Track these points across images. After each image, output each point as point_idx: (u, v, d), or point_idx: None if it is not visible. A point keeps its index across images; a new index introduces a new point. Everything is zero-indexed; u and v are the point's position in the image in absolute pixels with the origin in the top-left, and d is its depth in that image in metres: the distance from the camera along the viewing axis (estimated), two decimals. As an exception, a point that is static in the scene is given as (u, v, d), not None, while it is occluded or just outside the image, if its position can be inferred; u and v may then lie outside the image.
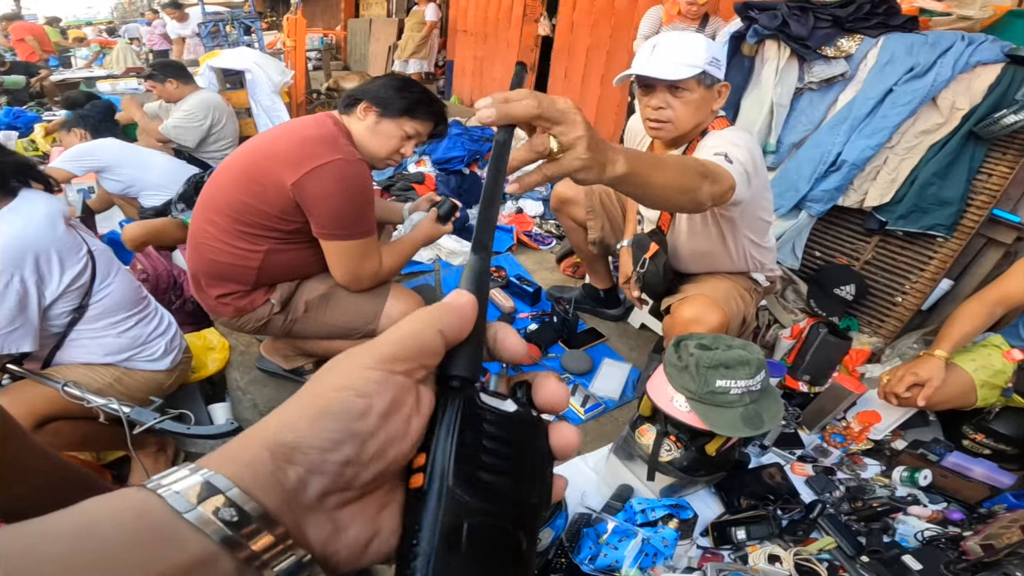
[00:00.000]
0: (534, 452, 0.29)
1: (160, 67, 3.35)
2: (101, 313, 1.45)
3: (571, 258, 2.72)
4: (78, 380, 1.40)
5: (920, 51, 2.07)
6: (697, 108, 1.47)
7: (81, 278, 1.37)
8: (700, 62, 1.40)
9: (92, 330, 1.46)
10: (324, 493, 0.24)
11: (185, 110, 3.14)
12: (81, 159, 2.54)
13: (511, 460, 0.28)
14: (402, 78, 1.61)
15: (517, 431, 0.29)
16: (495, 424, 0.28)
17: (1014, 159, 2.05)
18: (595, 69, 4.54)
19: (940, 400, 1.70)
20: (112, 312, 1.48)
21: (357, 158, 1.49)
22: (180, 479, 0.22)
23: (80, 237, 1.41)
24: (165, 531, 0.21)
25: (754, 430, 1.31)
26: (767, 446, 1.81)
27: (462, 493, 0.25)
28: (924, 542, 1.49)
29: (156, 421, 1.31)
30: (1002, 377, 1.69)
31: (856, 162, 2.15)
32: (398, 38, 6.79)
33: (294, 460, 0.24)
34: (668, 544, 1.37)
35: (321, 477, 0.24)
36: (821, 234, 2.45)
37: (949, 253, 2.13)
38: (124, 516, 0.21)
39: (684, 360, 1.36)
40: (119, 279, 1.50)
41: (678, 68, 1.40)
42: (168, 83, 3.19)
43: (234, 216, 1.49)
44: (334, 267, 1.58)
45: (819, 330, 2.01)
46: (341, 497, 0.25)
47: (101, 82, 5.44)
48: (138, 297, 1.58)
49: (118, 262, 1.56)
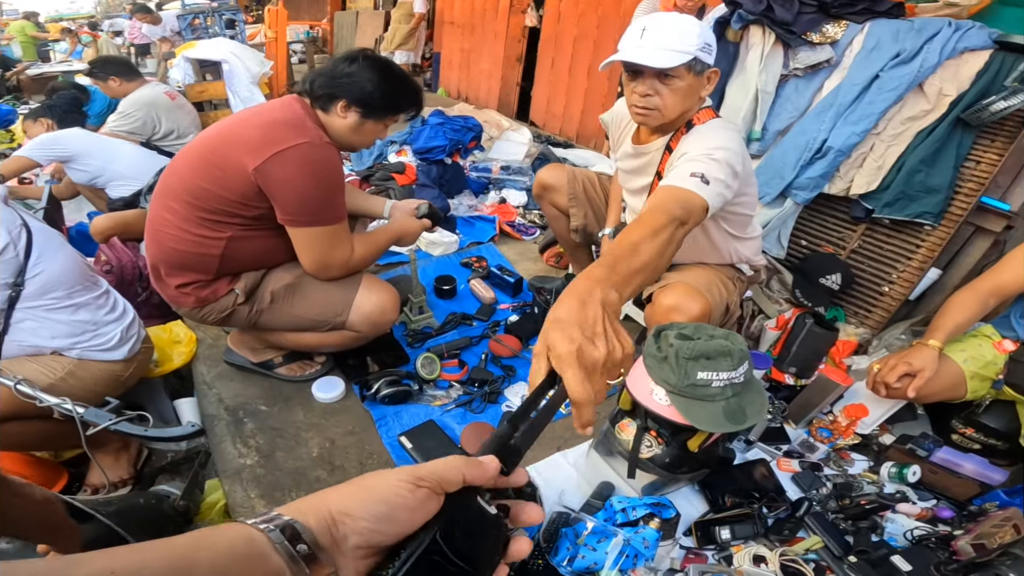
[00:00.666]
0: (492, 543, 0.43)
1: (101, 64, 3.27)
2: (40, 289, 1.38)
3: (554, 248, 2.67)
4: (29, 376, 1.35)
5: (906, 37, 2.03)
6: (685, 95, 1.42)
7: (8, 252, 1.31)
8: (691, 48, 1.32)
9: (36, 309, 1.39)
10: (357, 547, 0.37)
11: (120, 111, 3.07)
12: (45, 147, 2.46)
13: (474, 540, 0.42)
14: (378, 66, 1.49)
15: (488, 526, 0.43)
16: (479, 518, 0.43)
17: (1003, 146, 2.02)
18: (582, 59, 4.48)
19: (930, 392, 1.66)
20: (53, 288, 1.40)
21: (325, 142, 1.43)
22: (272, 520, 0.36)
23: (16, 213, 1.37)
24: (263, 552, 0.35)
25: (737, 425, 1.25)
26: (752, 441, 1.77)
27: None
28: (913, 541, 1.45)
29: (112, 422, 1.25)
30: (993, 369, 1.65)
31: (842, 149, 2.11)
32: (385, 30, 6.70)
33: (343, 522, 0.37)
34: (649, 545, 1.33)
35: (358, 536, 0.37)
36: (807, 222, 2.41)
37: (937, 241, 2.09)
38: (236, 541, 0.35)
39: (664, 351, 1.30)
40: (61, 256, 1.43)
41: (668, 55, 1.33)
42: (111, 80, 3.15)
43: (193, 203, 1.42)
44: (302, 255, 1.51)
45: (805, 321, 1.96)
46: (366, 551, 0.38)
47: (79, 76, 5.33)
48: (85, 277, 1.50)
49: (61, 241, 1.49)
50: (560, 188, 2.03)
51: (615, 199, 1.94)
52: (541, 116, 5.10)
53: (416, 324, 2.11)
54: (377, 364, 1.91)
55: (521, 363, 2.00)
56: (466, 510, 0.41)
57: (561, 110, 4.83)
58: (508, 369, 1.95)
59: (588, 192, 2.03)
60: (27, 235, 1.36)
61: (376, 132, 1.57)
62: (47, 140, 2.49)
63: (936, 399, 1.72)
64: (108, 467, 1.59)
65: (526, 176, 3.25)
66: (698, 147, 1.36)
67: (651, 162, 1.59)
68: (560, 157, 3.77)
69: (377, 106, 1.49)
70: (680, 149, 1.44)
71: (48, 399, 1.26)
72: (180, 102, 3.30)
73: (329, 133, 1.49)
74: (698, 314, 1.50)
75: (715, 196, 1.25)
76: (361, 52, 1.49)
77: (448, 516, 0.40)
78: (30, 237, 1.37)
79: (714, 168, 1.28)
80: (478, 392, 1.83)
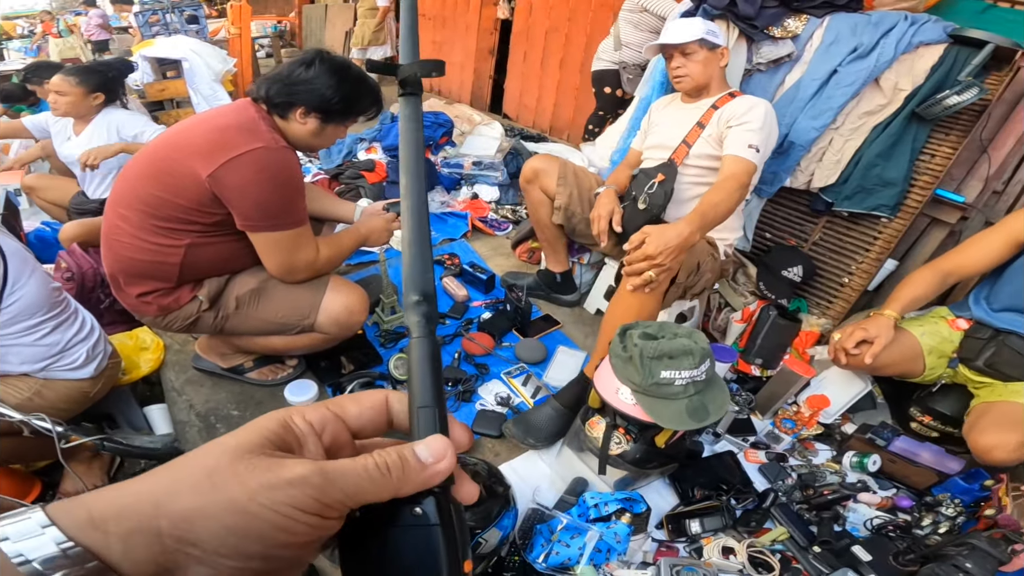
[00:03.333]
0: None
1: (35, 69, 3.10)
2: (13, 318, 1.35)
3: (526, 243, 2.68)
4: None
5: (864, 31, 2.07)
6: (705, 65, 1.92)
7: None
8: (698, 32, 1.87)
9: (6, 336, 1.35)
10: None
11: None
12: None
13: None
14: (335, 69, 1.46)
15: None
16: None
17: (957, 140, 2.08)
18: (554, 52, 4.47)
19: (888, 363, 1.72)
20: (26, 316, 1.37)
21: (281, 145, 1.41)
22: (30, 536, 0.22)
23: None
24: None
25: (699, 422, 1.30)
26: (720, 434, 1.81)
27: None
28: (873, 530, 1.50)
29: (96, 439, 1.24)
30: (949, 346, 1.72)
31: (802, 143, 2.15)
32: (355, 23, 6.58)
33: (187, 552, 0.23)
34: (621, 540, 1.36)
35: (209, 571, 0.24)
36: (771, 215, 2.46)
37: (893, 233, 2.15)
38: None
39: (629, 351, 1.34)
40: (33, 280, 1.39)
41: (683, 35, 1.88)
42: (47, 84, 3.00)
43: (147, 211, 1.39)
44: (266, 259, 1.50)
45: (769, 313, 2.01)
46: None
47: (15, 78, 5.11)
48: (55, 300, 1.46)
49: (33, 262, 1.44)
50: (551, 172, 2.09)
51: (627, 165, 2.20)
52: (514, 109, 5.08)
53: (388, 324, 2.10)
54: (352, 364, 1.91)
55: (494, 361, 2.01)
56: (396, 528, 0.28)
57: (534, 103, 4.81)
58: (481, 367, 1.96)
59: (579, 176, 2.10)
60: (3, 262, 1.31)
61: (337, 134, 1.57)
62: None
63: (895, 371, 1.78)
64: (82, 475, 1.56)
65: (498, 171, 3.24)
66: (750, 119, 1.79)
67: (695, 114, 1.97)
68: (532, 152, 3.77)
69: (336, 111, 1.47)
70: (729, 110, 1.86)
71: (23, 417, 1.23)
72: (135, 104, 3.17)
73: (287, 138, 1.47)
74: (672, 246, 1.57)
75: (761, 160, 1.80)
76: (317, 54, 1.46)
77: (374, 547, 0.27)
78: (5, 264, 1.32)
79: (764, 139, 1.78)
80: (451, 391, 1.84)
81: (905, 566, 1.34)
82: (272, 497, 0.24)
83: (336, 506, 0.26)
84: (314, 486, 0.25)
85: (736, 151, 1.76)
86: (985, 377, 1.66)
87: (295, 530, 0.25)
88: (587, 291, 2.41)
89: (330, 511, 0.26)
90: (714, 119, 1.89)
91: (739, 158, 1.74)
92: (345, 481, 0.26)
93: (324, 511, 0.25)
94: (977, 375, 1.68)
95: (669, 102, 2.14)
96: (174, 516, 0.23)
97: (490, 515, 1.29)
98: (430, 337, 0.31)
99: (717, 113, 1.89)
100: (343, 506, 0.26)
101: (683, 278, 1.65)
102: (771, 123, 1.82)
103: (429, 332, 0.31)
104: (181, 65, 3.82)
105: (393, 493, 0.27)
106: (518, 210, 3.12)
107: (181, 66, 3.82)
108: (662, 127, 2.08)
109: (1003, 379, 1.62)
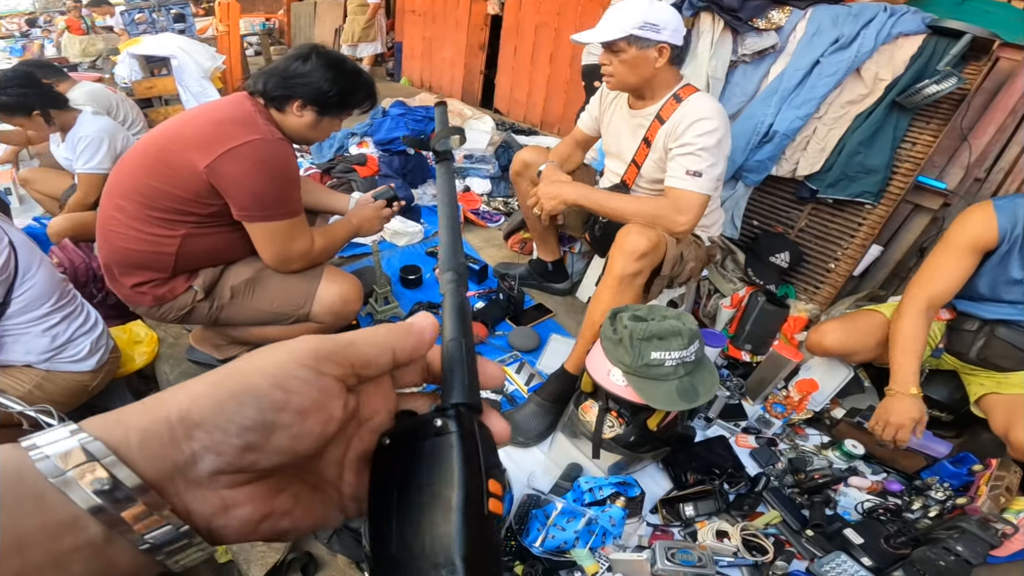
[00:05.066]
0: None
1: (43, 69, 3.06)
2: (25, 307, 1.37)
3: (518, 234, 2.70)
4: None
5: (845, 22, 2.11)
6: (633, 65, 1.66)
7: (4, 271, 1.29)
8: (628, 27, 1.58)
9: (16, 326, 1.37)
10: (216, 472, 0.24)
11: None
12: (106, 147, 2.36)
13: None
14: (331, 63, 1.48)
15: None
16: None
17: (937, 128, 2.12)
18: (544, 46, 4.50)
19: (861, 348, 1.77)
20: (36, 306, 1.39)
21: (277, 137, 1.43)
22: (56, 440, 0.22)
23: (2, 230, 1.33)
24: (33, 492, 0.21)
25: (689, 403, 1.31)
26: (712, 419, 1.82)
27: None
28: (864, 514, 1.53)
29: None
30: (932, 338, 1.74)
31: (787, 132, 2.20)
32: (344, 20, 6.57)
33: (193, 436, 0.23)
34: (616, 523, 1.37)
35: (216, 457, 0.24)
36: (758, 204, 2.50)
37: (877, 220, 2.20)
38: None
39: (619, 333, 1.36)
40: (43, 270, 1.41)
41: (603, 32, 1.63)
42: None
43: (144, 202, 1.40)
44: (261, 249, 1.52)
45: (758, 299, 2.05)
46: (234, 478, 0.25)
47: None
48: (63, 290, 1.48)
49: (40, 252, 1.46)
50: (540, 163, 2.07)
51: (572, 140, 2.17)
52: (505, 103, 5.11)
53: (382, 315, 2.12)
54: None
55: (487, 349, 2.03)
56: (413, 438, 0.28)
57: (525, 97, 4.84)
58: (474, 356, 1.98)
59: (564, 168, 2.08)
60: (13, 252, 1.33)
61: (332, 127, 1.59)
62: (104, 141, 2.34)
63: (866, 357, 1.82)
64: None
65: (489, 164, 3.26)
66: (693, 133, 1.62)
67: (641, 126, 1.81)
68: (522, 145, 3.80)
69: (333, 104, 1.50)
70: (671, 125, 1.69)
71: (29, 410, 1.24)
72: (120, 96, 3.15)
73: (284, 130, 1.49)
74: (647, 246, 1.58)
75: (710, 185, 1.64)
76: (313, 49, 1.48)
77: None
78: (16, 254, 1.34)
79: (706, 160, 1.61)
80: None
81: (897, 549, 1.37)
82: (269, 356, 0.26)
83: (334, 359, 0.26)
84: (309, 341, 0.26)
85: (675, 183, 1.65)
86: (979, 368, 1.67)
87: (291, 386, 0.25)
88: (579, 280, 2.44)
89: (327, 365, 0.26)
90: (659, 137, 1.74)
91: (678, 190, 1.65)
92: (341, 337, 0.27)
93: (321, 364, 0.26)
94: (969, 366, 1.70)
95: (615, 97, 1.94)
96: (181, 401, 0.24)
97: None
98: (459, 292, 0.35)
99: (662, 130, 1.72)
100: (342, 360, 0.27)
101: (668, 270, 1.68)
102: (719, 135, 1.62)
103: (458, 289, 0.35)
104: (170, 62, 3.81)
105: (390, 353, 0.29)
106: (510, 202, 3.15)
107: (170, 63, 3.81)
108: (613, 131, 1.96)
109: (998, 370, 1.63)
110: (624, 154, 1.89)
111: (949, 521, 1.38)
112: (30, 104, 2.23)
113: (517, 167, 2.16)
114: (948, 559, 1.27)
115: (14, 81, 2.23)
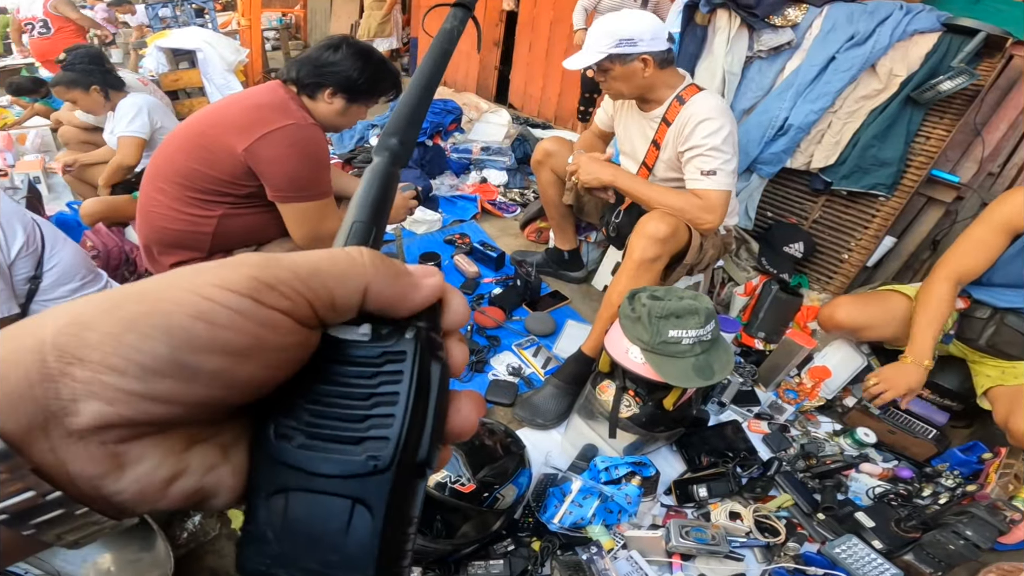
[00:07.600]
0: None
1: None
2: (56, 281, 1.44)
3: (534, 224, 2.76)
4: None
5: (860, 20, 2.14)
6: (625, 79, 1.73)
7: (33, 243, 1.36)
8: (605, 48, 1.65)
9: (50, 301, 1.44)
10: (104, 425, 0.17)
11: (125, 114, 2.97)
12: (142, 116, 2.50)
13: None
14: (360, 53, 1.56)
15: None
16: None
17: (951, 123, 2.15)
18: (559, 42, 4.54)
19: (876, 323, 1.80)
20: (67, 279, 1.46)
21: (310, 123, 1.50)
22: None
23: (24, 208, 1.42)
24: None
25: (705, 380, 1.35)
26: (725, 404, 1.85)
27: None
28: (875, 499, 1.55)
29: None
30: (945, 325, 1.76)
31: (802, 126, 2.23)
32: (360, 16, 6.64)
33: (73, 376, 0.17)
34: (631, 501, 1.40)
35: (102, 405, 0.17)
36: (772, 195, 2.54)
37: (891, 211, 2.23)
38: None
39: (637, 311, 1.40)
40: (68, 247, 1.49)
41: (588, 57, 1.70)
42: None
43: (184, 183, 1.48)
44: (293, 229, 1.58)
45: (771, 287, 2.08)
46: (130, 431, 0.18)
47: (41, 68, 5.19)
48: (90, 266, 1.56)
49: (65, 236, 1.53)
50: (562, 154, 2.15)
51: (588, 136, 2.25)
52: (519, 99, 5.15)
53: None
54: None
55: (505, 333, 2.09)
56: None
57: (539, 93, 4.88)
58: (493, 339, 2.04)
59: None
60: (38, 228, 1.41)
61: (360, 114, 1.66)
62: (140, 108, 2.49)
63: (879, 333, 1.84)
64: None
65: (506, 156, 3.33)
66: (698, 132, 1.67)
67: (650, 128, 1.86)
68: (538, 138, 3.85)
69: (362, 91, 1.57)
70: (678, 126, 1.73)
71: None
72: (151, 88, 3.25)
73: (315, 117, 1.56)
74: (667, 232, 1.64)
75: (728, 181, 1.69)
76: (343, 40, 1.56)
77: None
78: (40, 229, 1.42)
79: (719, 159, 1.66)
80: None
81: (907, 532, 1.39)
82: (191, 278, 0.18)
83: (278, 286, 0.19)
84: (250, 260, 0.19)
85: (694, 185, 1.71)
86: (987, 356, 1.70)
87: (219, 319, 0.18)
88: (594, 268, 2.50)
89: (271, 296, 0.19)
90: (667, 139, 1.79)
91: (700, 191, 1.70)
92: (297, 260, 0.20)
93: (262, 293, 0.18)
94: (978, 353, 1.72)
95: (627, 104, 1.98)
96: (62, 319, 0.17)
97: (507, 472, 1.34)
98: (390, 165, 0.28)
99: (670, 132, 1.78)
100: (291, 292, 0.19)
101: (691, 258, 1.73)
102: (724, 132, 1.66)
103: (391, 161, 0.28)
104: (195, 55, 3.89)
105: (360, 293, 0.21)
106: (525, 193, 3.20)
107: (195, 56, 3.90)
108: (626, 132, 2.01)
109: (1005, 358, 1.66)
110: (636, 154, 1.95)
111: (959, 507, 1.41)
112: (92, 80, 2.46)
113: (539, 156, 2.21)
114: (957, 543, 1.30)
115: (85, 58, 2.51)
